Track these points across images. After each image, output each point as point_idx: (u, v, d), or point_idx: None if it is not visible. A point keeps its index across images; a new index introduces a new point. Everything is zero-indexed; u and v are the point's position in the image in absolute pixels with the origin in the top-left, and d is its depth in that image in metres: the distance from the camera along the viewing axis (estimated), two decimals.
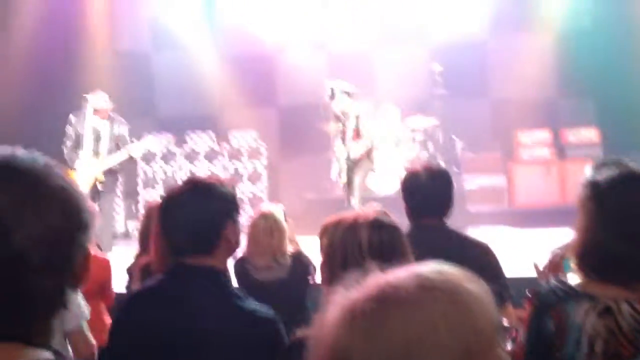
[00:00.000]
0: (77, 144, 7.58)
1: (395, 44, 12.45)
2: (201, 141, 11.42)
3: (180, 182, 2.34)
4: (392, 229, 2.11)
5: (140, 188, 11.12)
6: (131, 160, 7.78)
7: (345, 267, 2.00)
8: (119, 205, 11.03)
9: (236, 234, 2.25)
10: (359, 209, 7.60)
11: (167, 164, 11.27)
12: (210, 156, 11.36)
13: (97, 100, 7.60)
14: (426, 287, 0.86)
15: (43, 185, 1.04)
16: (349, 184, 8.00)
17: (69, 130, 7.67)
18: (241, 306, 2.12)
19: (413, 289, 0.86)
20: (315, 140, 9.81)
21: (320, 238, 2.18)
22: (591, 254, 1.93)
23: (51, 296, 1.05)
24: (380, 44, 12.62)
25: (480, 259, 2.97)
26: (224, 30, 12.59)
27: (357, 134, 8.01)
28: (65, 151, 7.59)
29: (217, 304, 2.11)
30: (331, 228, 2.12)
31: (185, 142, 11.41)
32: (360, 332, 0.85)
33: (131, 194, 11.03)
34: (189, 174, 11.08)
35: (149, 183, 11.13)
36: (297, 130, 10.87)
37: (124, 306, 2.29)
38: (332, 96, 8.10)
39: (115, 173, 7.76)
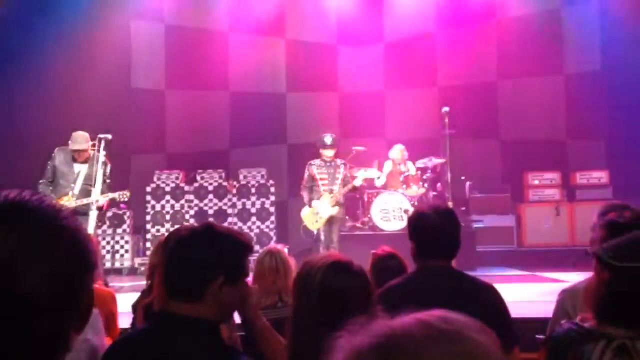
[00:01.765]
0: (53, 178, 7.56)
1: (406, 86, 12.55)
2: (210, 178, 11.42)
3: (190, 220, 2.26)
4: (352, 275, 2.16)
5: (148, 224, 11.10)
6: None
7: (302, 306, 2.16)
8: (128, 241, 11.03)
9: (227, 295, 2.03)
10: (335, 248, 7.92)
11: (176, 201, 11.24)
12: (219, 193, 11.35)
13: (77, 142, 7.54)
14: (431, 337, 0.82)
15: (50, 226, 1.03)
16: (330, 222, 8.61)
17: (49, 164, 7.63)
18: None
19: (418, 337, 0.82)
20: None
21: (296, 277, 2.31)
22: (611, 299, 1.89)
23: (55, 338, 1.03)
24: (391, 85, 12.73)
25: (486, 301, 2.93)
26: (236, 69, 12.73)
27: (344, 182, 8.65)
28: (40, 183, 7.54)
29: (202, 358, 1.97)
30: (301, 267, 2.26)
31: (194, 179, 11.42)
32: None
33: (139, 230, 11.02)
34: (197, 211, 11.09)
35: (157, 219, 11.09)
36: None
37: (106, 355, 2.15)
38: (323, 146, 8.60)
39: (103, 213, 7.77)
